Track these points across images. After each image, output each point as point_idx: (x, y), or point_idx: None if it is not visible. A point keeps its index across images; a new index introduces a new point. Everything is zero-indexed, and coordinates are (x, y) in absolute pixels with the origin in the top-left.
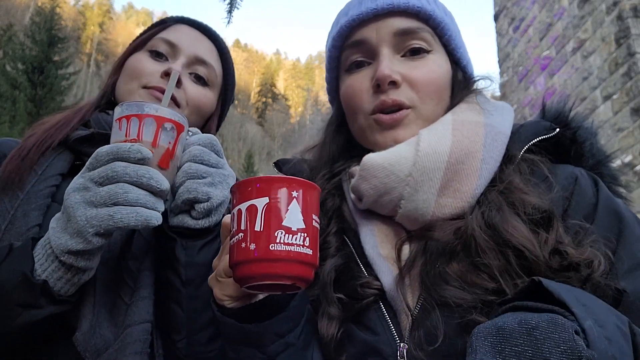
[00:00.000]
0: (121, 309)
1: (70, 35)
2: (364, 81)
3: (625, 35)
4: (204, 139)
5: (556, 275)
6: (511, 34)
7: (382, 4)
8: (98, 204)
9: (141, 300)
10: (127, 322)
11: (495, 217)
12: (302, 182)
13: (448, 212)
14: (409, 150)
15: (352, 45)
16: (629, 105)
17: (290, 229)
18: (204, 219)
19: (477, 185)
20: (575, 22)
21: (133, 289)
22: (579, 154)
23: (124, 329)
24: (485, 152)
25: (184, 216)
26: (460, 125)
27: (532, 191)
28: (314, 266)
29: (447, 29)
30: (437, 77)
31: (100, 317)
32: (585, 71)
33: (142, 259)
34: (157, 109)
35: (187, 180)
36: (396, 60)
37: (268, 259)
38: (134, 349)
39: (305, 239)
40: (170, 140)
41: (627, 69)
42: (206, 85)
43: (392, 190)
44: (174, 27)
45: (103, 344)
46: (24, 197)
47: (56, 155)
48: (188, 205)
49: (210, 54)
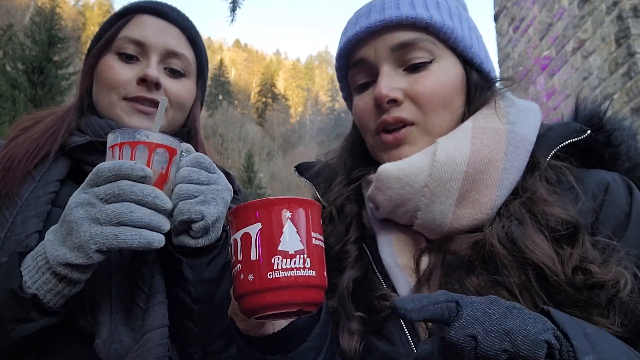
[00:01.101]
0: (137, 314)
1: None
2: (368, 100)
3: (625, 35)
4: (191, 159)
5: (579, 294)
6: (511, 34)
7: (374, 21)
8: (103, 222)
9: (158, 305)
10: (146, 327)
11: (516, 231)
12: (295, 200)
13: (466, 223)
14: (424, 160)
15: (354, 65)
16: (629, 105)
17: (287, 252)
18: (203, 237)
19: (497, 196)
20: (575, 22)
21: (148, 294)
22: (614, 157)
23: (142, 334)
24: (507, 161)
25: (184, 237)
26: (480, 132)
27: (557, 202)
28: (320, 287)
29: (450, 33)
30: (443, 87)
31: (117, 323)
32: (585, 71)
33: (153, 264)
34: (148, 136)
35: (179, 202)
36: (397, 75)
37: (268, 288)
38: (157, 352)
39: (306, 260)
40: (163, 165)
41: (627, 69)
42: (182, 76)
43: (407, 201)
44: (137, 20)
45: (123, 349)
46: (22, 204)
47: (53, 162)
48: (185, 226)
49: (180, 42)
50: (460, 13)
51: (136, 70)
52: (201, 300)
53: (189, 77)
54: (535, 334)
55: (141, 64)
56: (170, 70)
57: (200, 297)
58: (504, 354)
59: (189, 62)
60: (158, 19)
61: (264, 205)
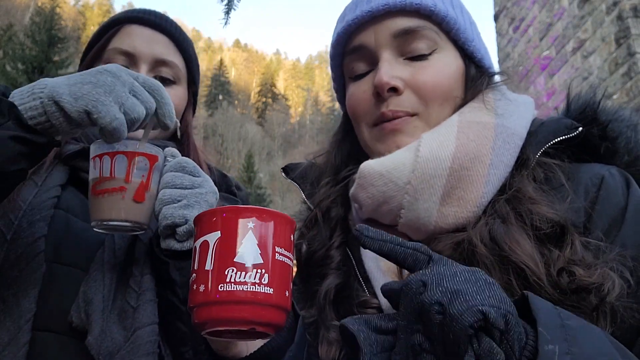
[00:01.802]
0: (128, 313)
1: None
2: (366, 89)
3: (625, 35)
4: (174, 164)
5: (565, 298)
6: (511, 34)
7: (376, 5)
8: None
9: (147, 303)
10: (136, 325)
11: (499, 230)
12: (262, 211)
13: (452, 222)
14: (408, 156)
15: (351, 51)
16: (629, 106)
17: (243, 265)
18: (188, 240)
19: (483, 193)
20: (575, 22)
21: (138, 293)
22: (612, 150)
23: (133, 332)
24: (495, 156)
25: (170, 240)
26: (467, 127)
27: (544, 201)
28: (278, 307)
29: (453, 23)
30: (444, 78)
31: (109, 321)
32: (585, 71)
33: (143, 263)
34: (127, 145)
35: (163, 207)
36: (398, 64)
37: (217, 301)
38: (146, 349)
39: (263, 276)
40: (143, 173)
41: (627, 69)
42: (173, 83)
43: (390, 199)
44: (125, 31)
45: (114, 346)
46: (27, 208)
47: (53, 167)
48: (170, 230)
49: (168, 50)
50: (461, 6)
51: None
52: None
53: (180, 83)
54: (476, 303)
55: None
56: (160, 78)
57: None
58: (437, 307)
59: (178, 69)
60: (146, 28)
61: (226, 212)
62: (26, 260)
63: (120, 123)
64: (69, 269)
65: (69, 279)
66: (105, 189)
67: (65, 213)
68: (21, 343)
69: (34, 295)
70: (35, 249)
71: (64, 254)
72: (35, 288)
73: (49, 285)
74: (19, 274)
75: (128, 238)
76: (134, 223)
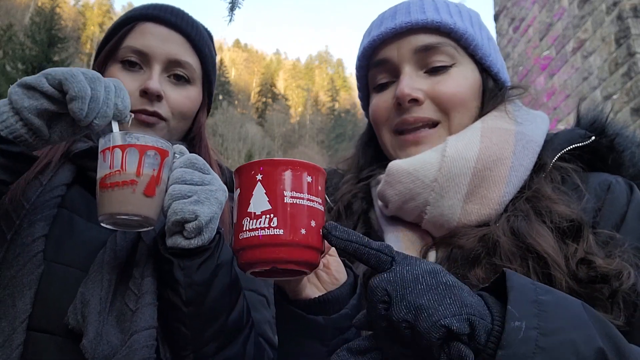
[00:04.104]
0: (127, 316)
1: (70, 35)
2: (388, 99)
3: (625, 35)
4: (184, 160)
5: (583, 287)
6: (511, 34)
7: (400, 23)
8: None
9: (146, 306)
10: (133, 329)
11: (521, 224)
12: (264, 162)
13: (474, 218)
14: (434, 156)
15: (375, 64)
16: (629, 105)
17: (254, 213)
18: (196, 237)
19: (504, 193)
20: (575, 22)
21: (137, 296)
22: (618, 162)
23: (130, 336)
24: (515, 159)
25: (177, 237)
26: (489, 132)
27: (561, 200)
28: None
29: (471, 40)
30: (462, 90)
31: (107, 324)
32: (585, 71)
33: (144, 266)
34: (138, 138)
35: (172, 202)
36: (419, 77)
37: (240, 248)
38: (142, 354)
39: (272, 219)
40: (154, 167)
41: (627, 69)
42: (187, 82)
43: (417, 196)
44: (139, 28)
45: (110, 350)
46: (29, 207)
47: (60, 167)
48: (179, 226)
49: (183, 49)
50: (480, 23)
51: (139, 80)
52: (191, 303)
53: (194, 83)
54: (439, 318)
55: (144, 73)
56: (174, 76)
57: (190, 299)
58: (405, 324)
59: (193, 70)
60: (161, 27)
61: (240, 170)
62: (23, 260)
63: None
64: (68, 269)
65: (68, 279)
66: (116, 182)
67: (69, 212)
68: (15, 344)
69: (30, 296)
70: (33, 249)
71: (65, 253)
72: (32, 289)
73: (47, 285)
74: (15, 274)
75: (130, 239)
76: (143, 218)
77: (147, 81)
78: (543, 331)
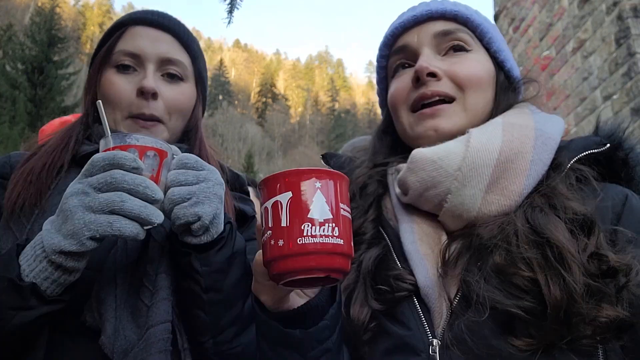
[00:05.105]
0: (142, 311)
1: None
2: (406, 79)
3: (625, 35)
4: (176, 162)
5: (593, 281)
6: (511, 34)
7: (420, 11)
8: (96, 210)
9: (161, 301)
10: (149, 323)
11: (538, 216)
12: (325, 172)
13: (495, 209)
14: (459, 146)
15: (396, 51)
16: (629, 106)
17: (317, 220)
18: (204, 234)
19: (525, 185)
20: (575, 22)
21: (152, 292)
22: (630, 177)
23: (146, 330)
24: (535, 153)
25: (187, 236)
26: (510, 127)
27: (575, 197)
28: (347, 256)
29: (487, 31)
30: (478, 71)
31: (122, 319)
32: (585, 71)
33: (158, 262)
34: (138, 139)
35: (174, 207)
36: (437, 59)
37: (298, 253)
38: (158, 347)
39: (334, 229)
40: (154, 167)
41: (627, 69)
42: (181, 80)
43: (439, 184)
44: (130, 32)
45: (128, 344)
46: (39, 212)
47: (67, 171)
48: (185, 228)
49: (174, 49)
50: (494, 24)
51: (135, 82)
52: (211, 289)
53: (187, 80)
54: None
55: (139, 74)
56: (168, 75)
57: (209, 286)
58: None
59: (185, 67)
60: (150, 29)
61: (294, 175)
62: None
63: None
64: None
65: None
66: None
67: None
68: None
69: None
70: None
71: None
72: None
73: None
74: None
75: None
76: None
77: (142, 80)
78: None
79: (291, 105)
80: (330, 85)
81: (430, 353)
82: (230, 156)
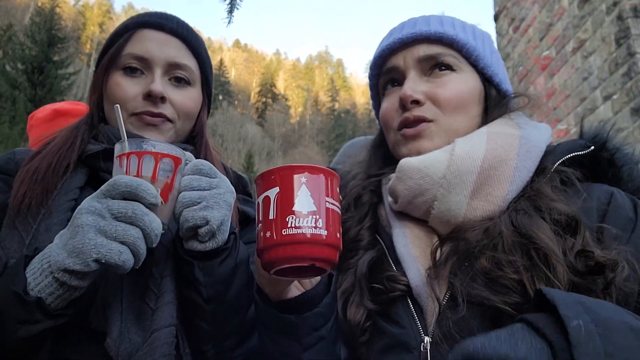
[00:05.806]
0: (147, 314)
1: (70, 35)
2: (394, 101)
3: (625, 35)
4: (191, 167)
5: (581, 279)
6: (511, 34)
7: (406, 34)
8: (109, 236)
9: (165, 305)
10: (154, 327)
11: (523, 219)
12: (312, 168)
13: (479, 214)
14: (443, 155)
15: (385, 72)
16: (629, 105)
17: (301, 212)
18: (210, 240)
19: (508, 191)
20: (575, 22)
21: (157, 295)
22: (617, 177)
23: (150, 333)
24: (519, 160)
25: (192, 242)
26: (495, 135)
27: (560, 198)
28: (332, 246)
29: (472, 50)
30: (460, 92)
31: (128, 322)
32: (585, 71)
33: (163, 266)
34: (154, 146)
35: (183, 209)
36: (422, 81)
37: (282, 243)
38: (162, 351)
39: (318, 220)
40: (168, 174)
41: (627, 69)
42: (188, 84)
43: (426, 191)
44: (138, 36)
45: (133, 348)
46: (45, 212)
47: (73, 170)
48: (192, 232)
49: (181, 53)
50: (483, 37)
51: (142, 85)
52: (213, 300)
53: (194, 85)
54: None
55: (146, 77)
56: (175, 79)
57: (211, 297)
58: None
59: (192, 72)
60: (158, 32)
61: (282, 171)
62: None
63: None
64: None
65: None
66: None
67: None
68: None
69: None
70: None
71: None
72: None
73: None
74: None
75: None
76: None
77: (150, 84)
78: (598, 324)
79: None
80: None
81: (422, 350)
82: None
